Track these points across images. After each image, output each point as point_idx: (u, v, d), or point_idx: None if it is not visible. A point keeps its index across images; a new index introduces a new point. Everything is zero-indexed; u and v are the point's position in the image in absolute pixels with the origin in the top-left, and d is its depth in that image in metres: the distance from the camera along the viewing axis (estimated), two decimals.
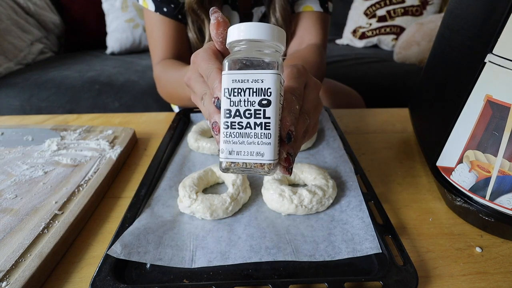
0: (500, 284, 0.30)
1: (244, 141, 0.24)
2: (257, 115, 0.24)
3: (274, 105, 0.23)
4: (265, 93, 0.23)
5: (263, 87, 0.23)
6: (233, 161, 0.24)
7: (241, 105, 0.24)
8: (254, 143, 0.24)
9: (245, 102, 0.24)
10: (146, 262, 0.31)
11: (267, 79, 0.23)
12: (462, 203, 0.35)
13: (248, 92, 0.24)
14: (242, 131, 0.24)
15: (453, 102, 0.36)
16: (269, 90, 0.23)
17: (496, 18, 0.29)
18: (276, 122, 0.24)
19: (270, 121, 0.23)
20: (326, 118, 0.57)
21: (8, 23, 1.32)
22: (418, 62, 1.32)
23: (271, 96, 0.23)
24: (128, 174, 0.47)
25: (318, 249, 0.32)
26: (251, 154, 0.24)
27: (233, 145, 0.24)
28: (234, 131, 0.24)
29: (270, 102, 0.23)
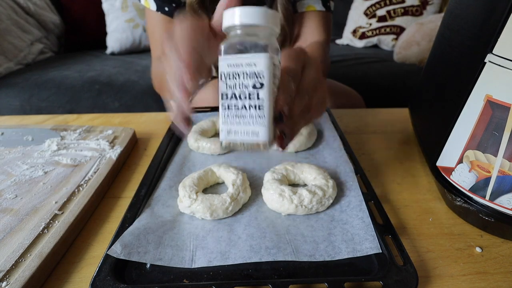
0: (500, 284, 0.30)
1: (240, 122, 0.25)
2: (251, 97, 0.25)
3: (267, 87, 0.24)
4: (258, 76, 0.24)
5: (256, 70, 0.24)
6: (231, 140, 0.26)
7: (237, 88, 0.25)
8: (249, 123, 0.25)
9: (240, 85, 0.25)
10: (146, 262, 0.31)
11: (260, 62, 0.24)
12: (462, 203, 0.35)
13: (243, 76, 0.25)
14: (238, 113, 0.25)
15: (453, 102, 0.36)
16: (262, 73, 0.24)
17: (496, 18, 0.29)
18: (269, 103, 0.25)
19: (263, 103, 0.25)
20: (326, 118, 0.57)
21: (8, 23, 1.32)
22: (418, 62, 1.32)
23: (264, 79, 0.24)
24: (128, 174, 0.47)
25: (318, 249, 0.32)
26: (247, 134, 0.25)
27: (231, 125, 0.26)
28: (231, 113, 0.26)
29: (263, 85, 0.24)
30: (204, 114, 0.60)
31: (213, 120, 0.56)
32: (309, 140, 0.51)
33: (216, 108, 0.62)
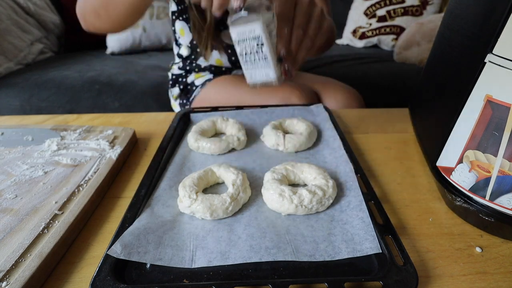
0: (500, 284, 0.30)
1: (255, 68, 0.41)
2: (258, 52, 0.39)
3: (266, 43, 0.38)
4: (257, 38, 0.37)
5: (255, 35, 0.37)
6: (253, 82, 0.42)
7: (247, 48, 0.39)
8: (262, 67, 0.40)
9: (248, 46, 0.38)
10: (146, 262, 0.31)
11: (256, 29, 0.37)
12: (462, 203, 0.35)
13: (248, 40, 0.38)
14: (254, 63, 0.40)
15: (453, 102, 0.36)
16: (260, 36, 0.37)
17: (496, 18, 0.29)
18: (271, 52, 0.38)
19: (267, 54, 0.39)
20: (326, 118, 0.57)
21: (8, 23, 1.32)
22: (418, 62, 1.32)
23: (262, 39, 0.37)
24: (128, 174, 0.47)
25: (318, 249, 0.32)
26: (262, 76, 0.41)
27: (251, 71, 0.41)
28: (248, 64, 0.40)
29: (263, 43, 0.38)
30: (204, 114, 0.60)
31: (213, 120, 0.56)
32: (309, 140, 0.51)
33: (216, 108, 0.63)
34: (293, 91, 0.74)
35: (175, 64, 0.94)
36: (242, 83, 0.81)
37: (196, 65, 0.89)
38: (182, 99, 0.90)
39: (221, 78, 0.85)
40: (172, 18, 0.87)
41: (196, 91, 0.86)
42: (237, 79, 0.84)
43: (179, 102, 0.91)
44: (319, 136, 0.54)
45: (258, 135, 0.55)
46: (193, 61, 0.89)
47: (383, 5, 1.56)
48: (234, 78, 0.85)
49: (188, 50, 0.88)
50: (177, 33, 0.88)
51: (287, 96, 0.73)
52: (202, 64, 0.89)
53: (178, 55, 0.92)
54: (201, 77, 0.88)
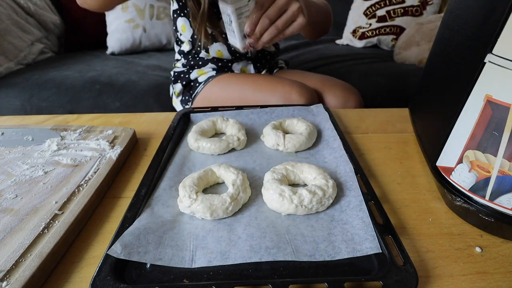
0: (500, 284, 0.30)
1: (230, 35, 0.57)
2: (230, 25, 0.53)
3: (234, 21, 0.51)
4: (229, 16, 0.51)
5: (228, 13, 0.51)
6: (229, 43, 0.59)
7: (226, 19, 0.54)
8: (232, 37, 0.56)
9: (227, 18, 0.53)
10: (146, 262, 0.31)
11: (228, 10, 0.51)
12: (462, 203, 0.35)
13: (226, 14, 0.52)
14: (229, 31, 0.56)
15: (453, 102, 0.36)
16: (230, 16, 0.51)
17: (496, 18, 0.29)
18: (237, 29, 0.53)
19: (234, 29, 0.53)
20: (326, 118, 0.57)
21: (8, 23, 1.32)
22: (418, 62, 1.32)
23: (232, 17, 0.51)
24: (128, 174, 0.47)
25: (318, 249, 0.32)
26: (232, 42, 0.57)
27: (228, 36, 0.58)
28: (227, 30, 0.56)
29: (231, 21, 0.52)
30: (204, 114, 0.60)
31: (213, 120, 0.56)
32: (309, 140, 0.51)
33: (216, 108, 0.63)
34: (293, 88, 0.75)
35: (178, 62, 0.95)
36: (244, 80, 0.82)
37: (199, 58, 0.90)
38: (184, 96, 0.91)
39: (224, 75, 0.87)
40: (174, 17, 0.88)
41: (199, 88, 0.87)
42: (239, 76, 0.85)
43: (181, 99, 0.91)
44: (319, 136, 0.54)
45: (258, 135, 0.55)
46: (195, 55, 0.90)
47: (383, 5, 1.55)
48: (237, 75, 0.86)
49: (189, 45, 0.89)
50: (179, 30, 0.89)
51: (288, 92, 0.74)
52: (205, 57, 0.90)
53: (180, 53, 0.93)
54: (204, 74, 0.89)
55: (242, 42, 0.54)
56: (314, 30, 0.82)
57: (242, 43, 0.54)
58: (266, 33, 0.52)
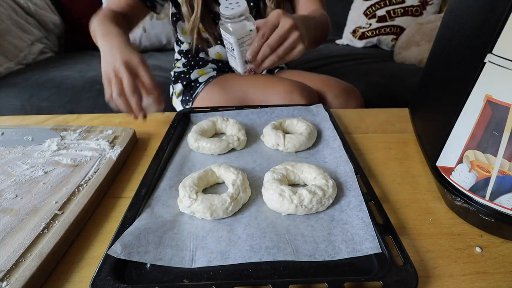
0: (500, 284, 0.30)
1: (231, 60, 0.57)
2: (232, 51, 0.54)
3: (236, 49, 0.52)
4: (231, 44, 0.52)
5: (230, 41, 0.52)
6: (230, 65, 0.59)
7: (228, 46, 0.54)
8: (233, 61, 0.56)
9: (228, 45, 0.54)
10: (146, 262, 0.31)
11: (232, 40, 0.51)
12: (462, 203, 0.35)
13: (228, 41, 0.53)
14: (229, 55, 0.56)
15: (453, 102, 0.36)
16: (233, 44, 0.52)
17: (496, 18, 0.29)
18: (239, 56, 0.53)
19: (236, 55, 0.54)
20: (326, 118, 0.57)
21: (8, 23, 1.32)
22: (418, 62, 1.32)
23: (234, 46, 0.52)
24: (128, 174, 0.47)
25: (318, 249, 0.32)
26: (233, 65, 0.58)
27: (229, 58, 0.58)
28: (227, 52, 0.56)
29: (233, 49, 0.53)
30: (204, 114, 0.60)
31: (213, 120, 0.56)
32: (309, 140, 0.51)
33: (216, 108, 0.63)
34: (294, 88, 0.75)
35: (178, 61, 0.95)
36: (245, 81, 0.82)
37: (199, 58, 0.90)
38: (185, 96, 0.90)
39: (224, 75, 0.87)
40: (173, 20, 0.88)
41: (200, 88, 0.87)
42: (239, 76, 0.85)
43: (181, 99, 0.91)
44: (319, 136, 0.54)
45: (258, 135, 0.55)
46: (195, 56, 0.90)
47: (383, 5, 1.55)
48: (237, 76, 0.86)
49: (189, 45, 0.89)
50: (178, 32, 0.90)
51: (289, 93, 0.74)
52: (205, 57, 0.90)
53: (180, 52, 0.94)
54: (204, 74, 0.89)
55: (243, 68, 0.55)
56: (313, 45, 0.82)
57: (243, 68, 0.55)
58: (267, 60, 0.53)
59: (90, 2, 1.59)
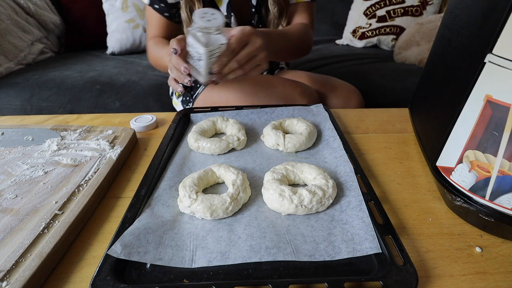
0: (500, 284, 0.30)
1: (194, 70, 0.55)
2: (199, 61, 0.52)
3: (204, 61, 0.51)
4: (200, 54, 0.51)
5: (199, 52, 0.50)
6: (192, 74, 0.55)
7: (193, 53, 0.53)
8: (196, 70, 0.55)
9: (195, 53, 0.52)
10: (146, 262, 0.31)
11: (201, 51, 0.50)
12: (462, 203, 0.35)
13: (196, 51, 0.51)
14: (193, 63, 0.54)
15: (453, 102, 0.36)
16: (201, 56, 0.50)
17: (496, 18, 0.29)
18: (205, 67, 0.52)
19: (201, 67, 0.53)
20: (326, 118, 0.57)
21: (8, 23, 1.32)
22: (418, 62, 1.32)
23: (202, 57, 0.50)
24: (128, 174, 0.47)
25: (318, 249, 0.32)
26: (195, 74, 0.55)
27: (192, 69, 0.55)
28: (190, 60, 0.55)
29: (200, 59, 0.52)
30: (204, 114, 0.60)
31: (213, 120, 0.56)
32: (309, 140, 0.51)
33: (216, 108, 0.63)
34: (295, 89, 0.75)
35: None
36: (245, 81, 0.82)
37: None
38: (185, 96, 0.90)
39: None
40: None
41: (200, 89, 0.87)
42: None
43: (181, 99, 0.91)
44: (319, 136, 0.54)
45: (258, 135, 0.55)
46: None
47: (383, 5, 1.55)
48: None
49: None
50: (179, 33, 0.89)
51: (290, 93, 0.74)
52: None
53: None
54: None
55: (206, 78, 0.54)
56: (280, 59, 0.87)
57: (206, 78, 0.54)
58: (232, 73, 0.55)
59: (90, 2, 1.59)
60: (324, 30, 1.79)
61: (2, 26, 1.29)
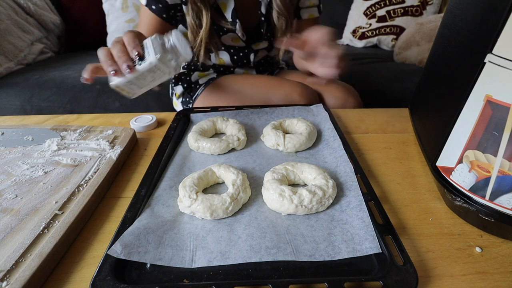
0: (500, 284, 0.30)
1: (134, 82, 0.47)
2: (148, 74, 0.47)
3: (149, 75, 0.47)
4: (151, 64, 0.45)
5: (152, 62, 0.45)
6: (116, 82, 0.47)
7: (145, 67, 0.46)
8: (137, 86, 0.49)
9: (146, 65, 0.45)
10: (146, 262, 0.31)
11: (153, 61, 0.44)
12: (462, 203, 0.35)
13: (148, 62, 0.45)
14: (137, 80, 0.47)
15: (453, 102, 0.36)
16: (146, 63, 0.45)
17: (496, 18, 0.29)
18: (141, 72, 0.45)
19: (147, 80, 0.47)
20: (326, 118, 0.57)
21: (8, 23, 1.32)
22: (418, 62, 1.32)
23: (146, 64, 0.45)
24: (128, 174, 0.47)
25: (318, 249, 0.32)
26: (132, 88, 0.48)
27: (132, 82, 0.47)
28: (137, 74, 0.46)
29: (150, 69, 0.46)
30: (204, 114, 0.60)
31: (213, 120, 0.56)
32: (309, 140, 0.51)
33: (216, 108, 0.63)
34: (294, 89, 0.75)
35: None
36: (245, 82, 0.82)
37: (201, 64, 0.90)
38: (185, 97, 0.90)
39: (224, 77, 0.87)
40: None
41: (200, 90, 0.87)
42: (240, 77, 0.85)
43: (181, 100, 0.91)
44: (319, 136, 0.54)
45: (258, 135, 0.55)
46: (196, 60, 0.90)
47: (383, 5, 1.55)
48: (237, 77, 0.86)
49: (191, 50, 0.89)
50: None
51: (289, 93, 0.75)
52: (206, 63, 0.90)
53: None
54: (205, 76, 0.89)
55: (124, 85, 0.47)
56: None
57: (123, 85, 0.47)
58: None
59: (90, 2, 1.59)
60: None
61: (2, 26, 1.29)
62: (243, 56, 0.87)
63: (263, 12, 0.81)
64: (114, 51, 0.46)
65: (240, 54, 0.86)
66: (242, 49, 0.86)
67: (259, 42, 0.87)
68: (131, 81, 0.46)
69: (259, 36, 0.85)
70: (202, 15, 0.72)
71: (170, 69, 0.47)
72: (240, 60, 0.88)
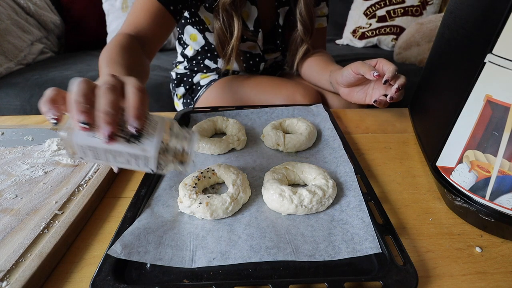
0: (500, 284, 0.30)
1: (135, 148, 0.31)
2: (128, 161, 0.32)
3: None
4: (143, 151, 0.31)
5: (148, 150, 0.31)
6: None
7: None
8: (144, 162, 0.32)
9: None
10: (146, 262, 0.31)
11: (148, 153, 0.31)
12: (462, 203, 0.35)
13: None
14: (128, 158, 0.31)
15: (453, 102, 0.36)
16: (140, 154, 0.31)
17: (496, 18, 0.29)
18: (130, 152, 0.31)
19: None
20: (326, 118, 0.57)
21: (8, 23, 1.32)
22: (418, 62, 1.32)
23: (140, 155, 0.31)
24: (128, 174, 0.47)
25: (318, 249, 0.32)
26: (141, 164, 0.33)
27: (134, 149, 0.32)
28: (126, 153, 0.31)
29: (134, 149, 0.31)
30: (204, 114, 0.60)
31: (213, 120, 0.56)
32: (309, 140, 0.51)
33: (216, 108, 0.63)
34: (297, 89, 0.75)
35: (180, 64, 0.94)
36: (247, 82, 0.82)
37: (204, 65, 0.89)
38: (186, 98, 0.90)
39: (226, 78, 0.86)
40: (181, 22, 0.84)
41: (201, 91, 0.86)
42: (241, 78, 0.85)
43: (183, 101, 0.91)
44: (319, 136, 0.54)
45: (258, 135, 0.55)
46: (200, 62, 0.89)
47: (383, 5, 1.55)
48: (239, 77, 0.86)
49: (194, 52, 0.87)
50: (184, 35, 0.86)
51: (292, 94, 0.74)
52: (210, 65, 0.89)
53: (183, 55, 0.92)
54: (206, 77, 0.89)
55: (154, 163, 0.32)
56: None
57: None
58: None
59: (90, 2, 1.59)
60: None
61: (2, 26, 1.29)
62: (253, 64, 0.87)
63: (280, 23, 0.81)
64: (102, 99, 0.29)
65: (250, 62, 0.86)
66: (254, 58, 0.86)
67: (272, 52, 0.88)
68: (95, 148, 0.30)
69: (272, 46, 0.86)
70: (233, 22, 0.70)
71: (155, 168, 0.32)
72: (250, 67, 0.88)
